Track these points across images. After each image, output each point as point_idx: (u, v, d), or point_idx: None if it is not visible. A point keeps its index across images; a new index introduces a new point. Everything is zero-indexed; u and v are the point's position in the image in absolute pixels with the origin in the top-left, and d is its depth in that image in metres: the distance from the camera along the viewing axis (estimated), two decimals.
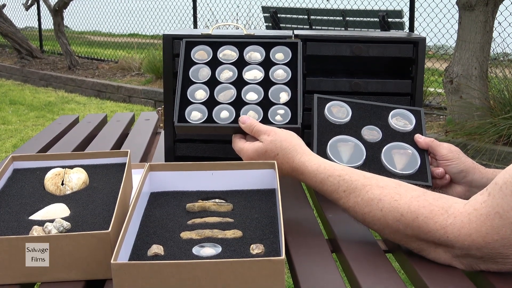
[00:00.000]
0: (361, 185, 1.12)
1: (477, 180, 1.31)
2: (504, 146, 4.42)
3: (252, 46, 1.50)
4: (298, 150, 1.23)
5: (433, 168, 1.35)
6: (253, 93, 1.42)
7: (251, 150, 1.27)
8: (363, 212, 1.10)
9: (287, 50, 1.49)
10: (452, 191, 1.33)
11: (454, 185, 1.34)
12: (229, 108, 1.40)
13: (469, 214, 0.99)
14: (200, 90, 1.43)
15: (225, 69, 1.47)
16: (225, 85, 1.44)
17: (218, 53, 1.49)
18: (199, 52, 1.49)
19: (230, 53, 1.49)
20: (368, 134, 1.41)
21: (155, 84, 7.82)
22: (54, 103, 7.47)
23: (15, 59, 10.28)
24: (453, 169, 1.33)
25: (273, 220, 1.09)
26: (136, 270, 0.87)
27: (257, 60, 1.48)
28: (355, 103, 1.46)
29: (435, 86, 6.35)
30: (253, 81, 1.45)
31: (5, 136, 5.75)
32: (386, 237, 1.10)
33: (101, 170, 1.27)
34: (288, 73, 1.45)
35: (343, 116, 1.43)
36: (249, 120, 1.32)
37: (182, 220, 1.11)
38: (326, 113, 1.43)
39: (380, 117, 1.44)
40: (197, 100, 1.42)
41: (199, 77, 1.46)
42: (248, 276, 0.87)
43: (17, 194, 1.18)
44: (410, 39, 1.57)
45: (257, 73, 1.46)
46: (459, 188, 1.34)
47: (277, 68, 1.46)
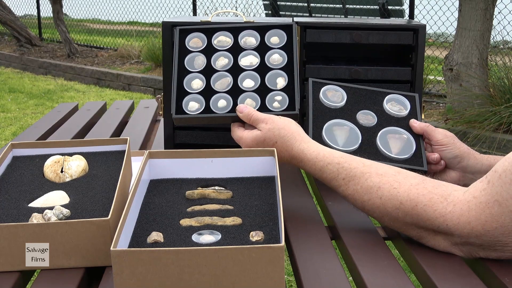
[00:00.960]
0: (360, 173, 1.12)
1: (472, 165, 1.32)
2: (504, 134, 4.41)
3: (246, 31, 1.49)
4: (296, 137, 1.23)
5: (428, 153, 1.35)
6: (250, 80, 1.42)
7: (249, 138, 1.27)
8: (363, 200, 1.10)
9: (282, 33, 1.48)
10: (447, 177, 1.34)
11: (448, 170, 1.35)
12: (226, 97, 1.40)
13: (468, 202, 0.99)
14: (197, 79, 1.43)
15: (221, 56, 1.46)
16: (221, 73, 1.44)
17: (212, 40, 1.48)
18: (193, 39, 1.48)
19: (224, 39, 1.49)
20: (363, 119, 1.41)
21: (155, 72, 7.80)
22: (54, 91, 7.46)
23: (14, 47, 10.26)
24: (448, 154, 1.33)
25: (273, 207, 1.09)
26: (136, 257, 0.87)
27: (252, 45, 1.47)
28: (350, 87, 1.45)
29: (435, 74, 6.34)
30: (249, 67, 1.44)
31: (5, 124, 5.74)
32: (386, 224, 1.10)
33: (101, 157, 1.27)
34: (284, 57, 1.45)
35: (338, 100, 1.43)
36: (246, 109, 1.32)
37: (182, 207, 1.11)
38: (321, 97, 1.42)
39: (375, 102, 1.44)
40: (194, 90, 1.41)
41: (195, 65, 1.45)
42: (248, 263, 0.87)
43: (16, 181, 1.18)
44: (410, 27, 1.57)
45: (253, 58, 1.45)
46: (454, 173, 1.34)
47: (273, 52, 1.46)
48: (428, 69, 6.44)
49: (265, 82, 1.42)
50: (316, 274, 0.97)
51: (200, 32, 1.49)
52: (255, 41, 1.48)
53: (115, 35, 10.40)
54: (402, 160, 1.34)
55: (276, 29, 1.49)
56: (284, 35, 1.48)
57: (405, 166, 1.28)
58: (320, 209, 1.33)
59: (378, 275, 0.97)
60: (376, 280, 0.96)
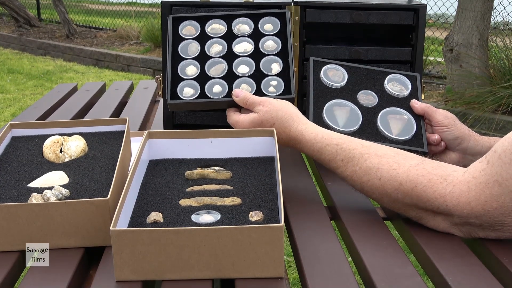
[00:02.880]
0: (359, 154, 1.11)
1: (472, 147, 1.32)
2: (503, 115, 4.41)
3: (240, 18, 1.49)
4: (294, 119, 1.22)
5: (428, 134, 1.35)
6: (245, 66, 1.42)
7: (246, 121, 1.27)
8: (362, 181, 1.10)
9: (276, 20, 1.48)
10: (447, 158, 1.34)
11: (449, 152, 1.35)
12: (221, 82, 1.39)
13: (468, 183, 0.99)
14: (191, 66, 1.42)
15: (214, 43, 1.46)
16: (215, 59, 1.43)
17: (206, 28, 1.48)
18: (186, 27, 1.48)
19: (218, 26, 1.48)
20: (364, 99, 1.40)
21: (154, 53, 7.78)
22: (53, 72, 7.44)
23: (13, 28, 10.21)
24: (448, 136, 1.33)
25: (272, 187, 1.09)
26: (135, 237, 0.87)
27: (246, 33, 1.47)
28: (351, 67, 1.45)
29: (435, 55, 6.32)
30: (243, 53, 1.44)
31: (4, 105, 5.73)
32: (385, 205, 1.11)
33: (100, 137, 1.26)
34: (278, 43, 1.44)
35: (339, 80, 1.42)
36: (242, 93, 1.31)
37: (181, 187, 1.11)
38: (322, 76, 1.42)
39: (376, 81, 1.44)
40: (189, 76, 1.41)
41: (189, 52, 1.44)
42: (247, 243, 0.87)
43: (15, 161, 1.18)
44: (410, 6, 1.56)
45: (247, 45, 1.45)
46: (454, 155, 1.34)
47: (267, 39, 1.45)
48: (428, 50, 6.42)
49: (260, 68, 1.41)
50: (316, 254, 0.97)
51: (193, 20, 1.49)
52: (248, 28, 1.47)
53: (114, 15, 10.36)
54: (402, 141, 1.34)
55: (270, 16, 1.48)
56: (277, 22, 1.48)
57: (406, 147, 1.28)
58: (320, 189, 1.33)
59: (377, 255, 0.97)
60: (375, 260, 0.96)
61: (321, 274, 0.92)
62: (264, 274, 0.89)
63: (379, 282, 0.90)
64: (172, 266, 0.88)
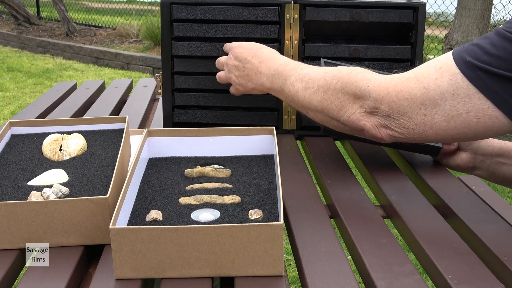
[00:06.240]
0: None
1: (483, 147, 1.32)
2: None
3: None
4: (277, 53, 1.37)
5: None
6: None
7: (234, 52, 1.38)
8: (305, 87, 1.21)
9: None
10: (458, 158, 1.34)
11: (459, 152, 1.35)
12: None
13: (393, 76, 1.10)
14: None
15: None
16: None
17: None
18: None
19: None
20: None
21: (153, 51, 7.77)
22: (52, 70, 7.44)
23: (12, 26, 10.20)
24: None
25: (272, 185, 1.09)
26: (135, 235, 0.87)
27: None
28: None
29: (434, 54, 6.32)
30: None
31: (3, 103, 5.73)
32: (316, 104, 1.18)
33: (99, 136, 1.26)
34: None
35: None
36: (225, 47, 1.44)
37: (181, 185, 1.11)
38: None
39: None
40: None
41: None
42: (247, 241, 0.87)
43: (15, 159, 1.18)
44: (410, 4, 1.56)
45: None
46: (465, 154, 1.34)
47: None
48: (428, 49, 6.43)
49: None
50: (315, 253, 0.97)
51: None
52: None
53: (113, 13, 10.35)
54: None
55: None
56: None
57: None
58: (319, 187, 1.33)
59: (377, 254, 0.97)
60: (374, 258, 0.96)
61: (321, 272, 0.92)
62: (264, 272, 0.89)
63: (378, 280, 0.90)
64: (171, 264, 0.88)
